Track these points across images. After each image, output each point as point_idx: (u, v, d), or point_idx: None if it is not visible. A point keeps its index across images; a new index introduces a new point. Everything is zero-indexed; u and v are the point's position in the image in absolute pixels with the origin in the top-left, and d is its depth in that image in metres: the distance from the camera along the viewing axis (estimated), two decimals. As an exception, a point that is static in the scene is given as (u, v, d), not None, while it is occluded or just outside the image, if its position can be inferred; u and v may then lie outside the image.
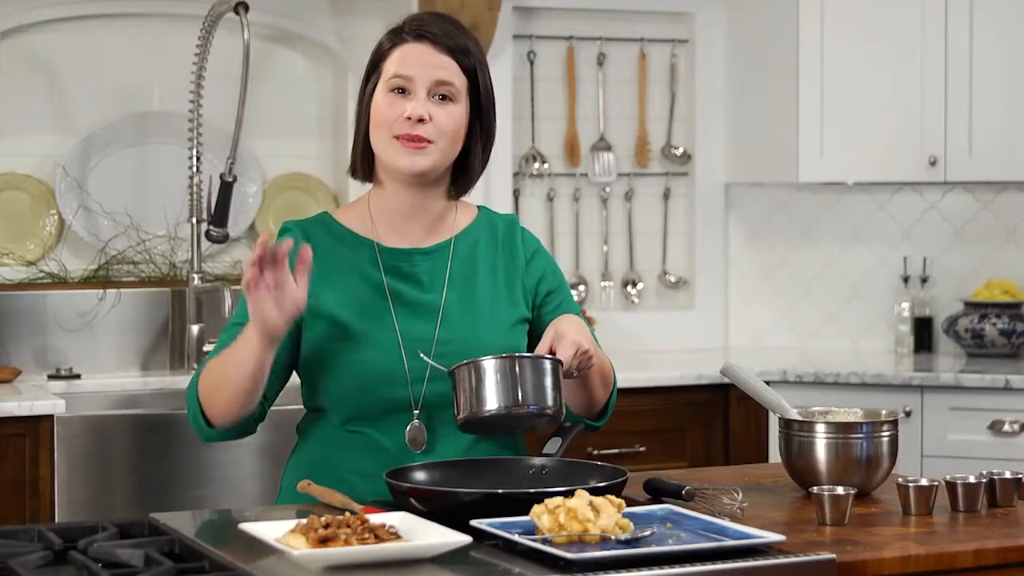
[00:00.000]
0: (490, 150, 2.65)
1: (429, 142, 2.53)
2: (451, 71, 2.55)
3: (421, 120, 2.52)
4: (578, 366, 2.44)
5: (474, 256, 2.63)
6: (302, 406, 2.65)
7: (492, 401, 2.38)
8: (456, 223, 2.65)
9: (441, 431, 2.55)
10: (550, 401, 2.39)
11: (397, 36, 2.58)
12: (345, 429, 2.57)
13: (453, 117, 2.55)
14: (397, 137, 2.54)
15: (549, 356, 2.41)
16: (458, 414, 2.41)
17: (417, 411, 2.54)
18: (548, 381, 2.39)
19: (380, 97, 2.56)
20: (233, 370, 2.44)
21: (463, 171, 2.62)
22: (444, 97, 2.55)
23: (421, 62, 2.54)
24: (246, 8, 4.12)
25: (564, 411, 2.43)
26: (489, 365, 2.38)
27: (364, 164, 2.62)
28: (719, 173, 5.11)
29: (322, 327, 2.54)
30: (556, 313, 2.64)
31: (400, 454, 2.53)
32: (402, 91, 2.54)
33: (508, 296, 2.63)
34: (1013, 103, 4.64)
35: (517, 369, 2.38)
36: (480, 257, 2.64)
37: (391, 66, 2.55)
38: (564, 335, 2.43)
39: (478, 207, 2.71)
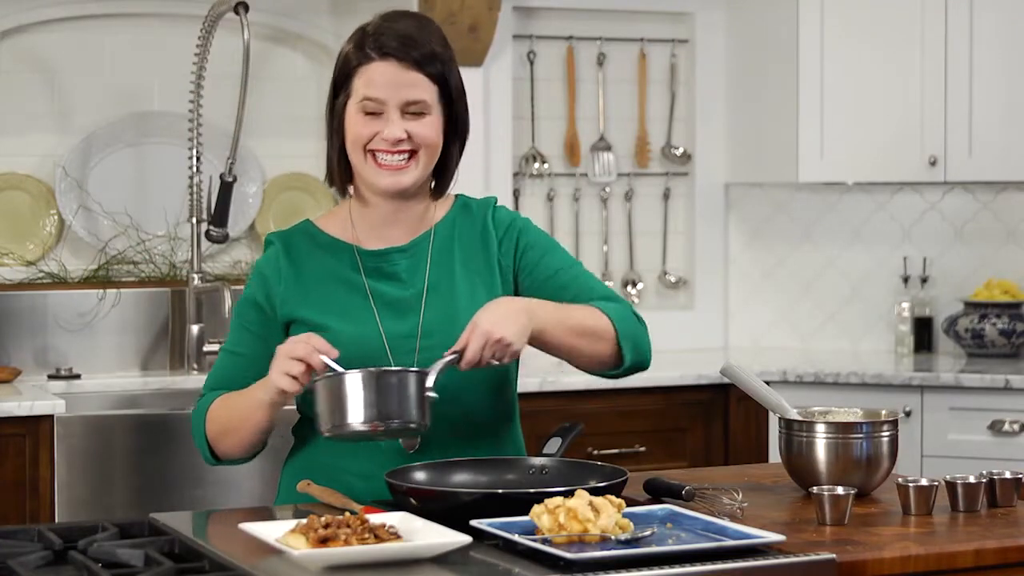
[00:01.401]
0: (464, 145, 2.64)
1: (413, 153, 2.53)
2: (420, 87, 2.53)
3: (400, 140, 2.52)
4: (493, 355, 2.39)
5: (452, 246, 2.63)
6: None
7: (355, 415, 2.34)
8: (434, 215, 2.65)
9: (434, 430, 2.54)
10: (414, 415, 2.36)
11: (362, 53, 2.55)
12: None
13: (430, 127, 2.54)
14: (375, 154, 2.53)
15: (415, 369, 2.39)
16: (321, 426, 2.38)
17: None
18: (412, 394, 2.36)
19: (353, 116, 2.55)
20: (243, 423, 2.53)
21: (442, 173, 2.62)
22: (417, 112, 2.54)
23: (389, 83, 2.52)
24: (246, 8, 4.11)
25: (429, 422, 2.38)
26: (352, 379, 2.35)
27: (342, 176, 2.62)
28: (719, 173, 5.11)
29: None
30: (539, 265, 2.62)
31: (395, 453, 2.53)
32: (374, 112, 2.54)
33: (487, 280, 2.61)
34: (1013, 103, 4.64)
35: (381, 383, 2.35)
36: (457, 246, 2.63)
37: (360, 87, 2.54)
38: (476, 325, 2.39)
39: (456, 196, 2.70)
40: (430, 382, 2.37)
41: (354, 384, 2.34)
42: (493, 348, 2.38)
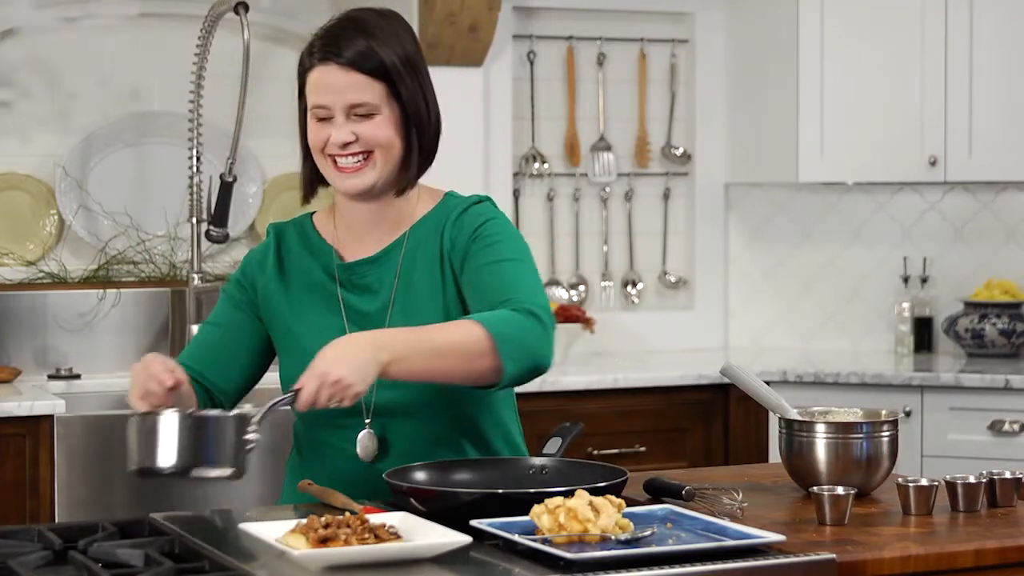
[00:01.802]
0: (433, 134, 2.56)
1: (369, 154, 2.50)
2: (362, 89, 2.49)
3: (348, 143, 2.50)
4: (331, 397, 2.26)
5: (422, 251, 2.57)
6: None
7: (164, 457, 2.25)
8: (414, 214, 2.60)
9: (395, 438, 2.53)
10: (228, 460, 2.26)
11: (309, 56, 2.53)
12: (311, 437, 2.58)
13: (379, 127, 2.50)
14: (334, 158, 2.52)
15: (235, 413, 2.28)
16: (130, 463, 2.31)
17: (368, 420, 2.53)
18: (229, 439, 2.26)
19: (309, 122, 2.54)
20: None
21: (406, 167, 2.55)
22: (364, 114, 2.50)
23: (332, 88, 2.49)
24: (246, 8, 4.11)
25: (246, 466, 2.28)
26: (166, 420, 2.26)
27: (311, 179, 2.60)
28: (719, 173, 5.11)
29: (282, 337, 2.59)
30: (476, 257, 2.51)
31: (359, 460, 2.53)
32: (325, 118, 2.51)
33: (444, 287, 2.55)
34: (1013, 103, 4.64)
35: (195, 426, 2.25)
36: (425, 252, 2.57)
37: (309, 93, 2.53)
38: (313, 367, 2.28)
39: (446, 193, 2.64)
40: (253, 425, 2.27)
41: (168, 425, 2.26)
42: (330, 389, 2.26)
